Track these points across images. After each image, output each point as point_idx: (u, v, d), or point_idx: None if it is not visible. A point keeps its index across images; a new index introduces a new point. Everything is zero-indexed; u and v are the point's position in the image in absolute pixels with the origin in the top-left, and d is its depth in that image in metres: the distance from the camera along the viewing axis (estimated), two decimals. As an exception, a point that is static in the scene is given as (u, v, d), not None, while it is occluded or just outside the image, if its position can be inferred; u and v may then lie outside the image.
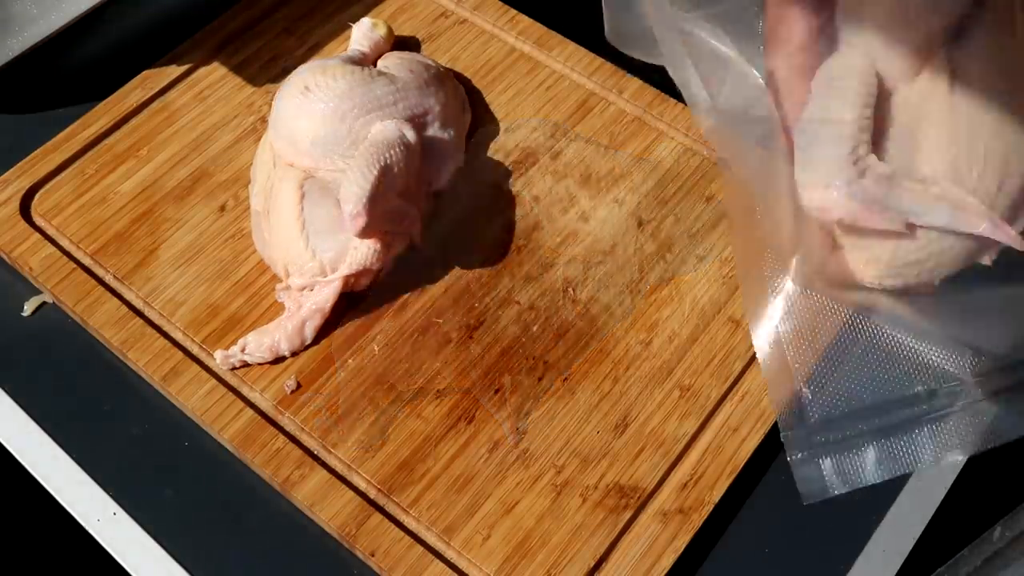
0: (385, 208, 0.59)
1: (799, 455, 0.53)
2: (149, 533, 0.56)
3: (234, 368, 0.60)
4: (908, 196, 0.46)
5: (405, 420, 0.58)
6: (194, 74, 0.72)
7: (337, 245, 0.60)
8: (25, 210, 0.65)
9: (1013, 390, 0.51)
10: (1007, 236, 0.46)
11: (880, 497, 0.58)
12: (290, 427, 0.58)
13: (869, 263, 0.49)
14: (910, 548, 0.56)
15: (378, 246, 0.59)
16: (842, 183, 0.46)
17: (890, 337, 0.52)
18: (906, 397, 0.52)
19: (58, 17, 0.70)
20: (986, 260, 0.49)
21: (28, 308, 0.63)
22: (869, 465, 0.52)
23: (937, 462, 0.52)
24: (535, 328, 0.62)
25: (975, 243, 0.47)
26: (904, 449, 0.52)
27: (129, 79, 0.71)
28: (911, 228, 0.47)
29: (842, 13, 0.48)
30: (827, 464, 0.53)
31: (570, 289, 0.63)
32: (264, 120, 0.69)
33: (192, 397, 0.58)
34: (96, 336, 0.61)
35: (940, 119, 0.46)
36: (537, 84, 0.72)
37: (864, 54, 0.48)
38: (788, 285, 0.52)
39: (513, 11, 0.75)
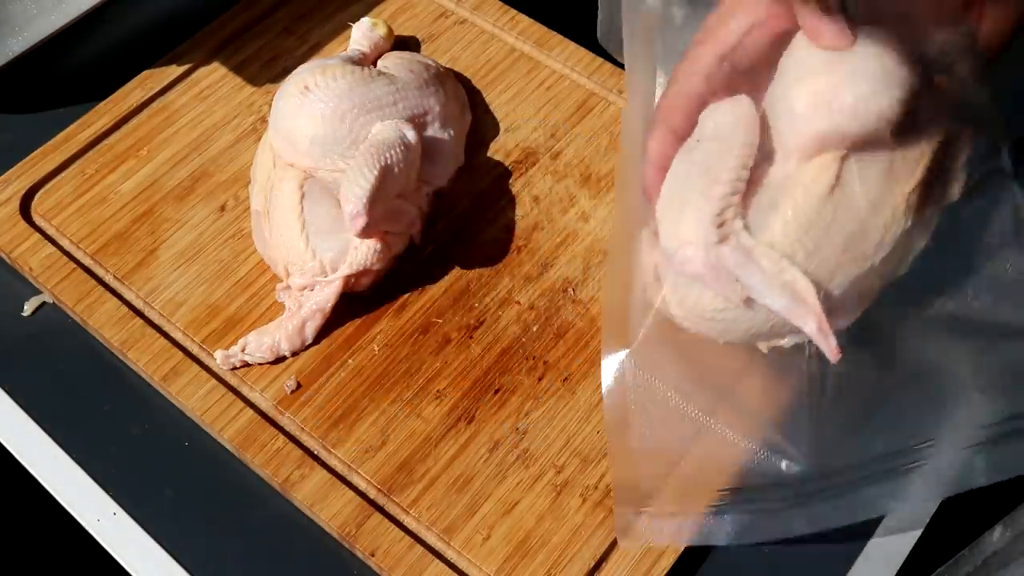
0: (385, 208, 0.59)
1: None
2: (149, 533, 0.56)
3: (234, 368, 0.60)
4: (758, 275, 0.46)
5: (405, 420, 0.58)
6: (194, 74, 0.72)
7: (337, 245, 0.60)
8: (25, 210, 0.65)
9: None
10: (827, 344, 0.45)
11: (880, 495, 0.58)
12: (290, 427, 0.58)
13: (677, 303, 0.48)
14: (910, 548, 0.56)
15: (378, 246, 0.59)
16: (702, 245, 0.46)
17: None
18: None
19: (58, 17, 0.70)
20: (763, 347, 0.49)
21: (28, 308, 0.63)
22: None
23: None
24: (535, 328, 0.62)
25: (778, 328, 0.47)
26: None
27: (129, 79, 0.71)
28: (747, 302, 0.47)
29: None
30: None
31: (570, 289, 0.63)
32: (264, 120, 0.69)
33: (192, 397, 0.58)
34: (96, 336, 0.61)
35: (806, 204, 0.46)
36: (537, 84, 0.72)
37: (755, 106, 0.48)
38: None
39: (513, 11, 0.75)
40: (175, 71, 0.71)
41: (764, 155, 0.48)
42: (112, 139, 0.69)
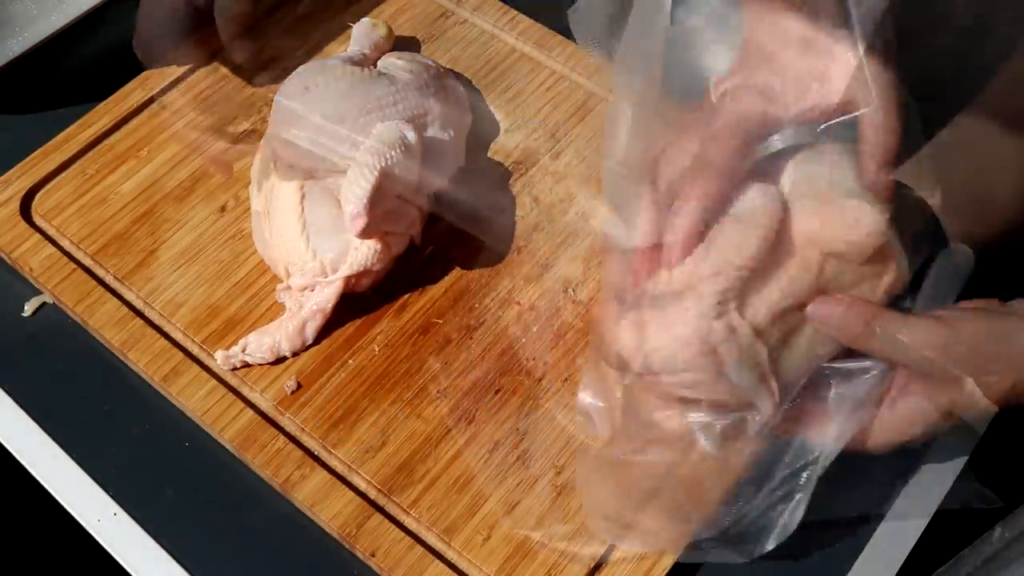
0: (385, 208, 0.59)
1: None
2: (149, 533, 0.56)
3: (235, 368, 0.60)
4: (736, 352, 0.49)
5: (405, 420, 0.58)
6: (194, 74, 0.72)
7: (338, 245, 0.60)
8: (25, 210, 0.65)
9: None
10: (765, 425, 0.50)
11: (880, 496, 0.58)
12: (290, 427, 0.58)
13: (654, 349, 0.50)
14: (910, 548, 0.56)
15: (379, 246, 0.59)
16: (699, 314, 0.48)
17: None
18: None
19: (58, 17, 0.70)
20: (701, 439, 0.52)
21: (28, 308, 0.63)
22: None
23: None
24: (535, 328, 0.62)
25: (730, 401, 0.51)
26: None
27: (129, 79, 0.71)
28: (721, 376, 0.49)
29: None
30: None
31: (570, 289, 0.63)
32: (264, 120, 0.69)
33: (192, 398, 0.58)
34: (96, 336, 0.61)
35: (791, 294, 0.49)
36: (537, 84, 0.72)
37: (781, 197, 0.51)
38: None
39: (513, 12, 0.75)
40: (175, 71, 0.71)
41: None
42: (112, 139, 0.69)
